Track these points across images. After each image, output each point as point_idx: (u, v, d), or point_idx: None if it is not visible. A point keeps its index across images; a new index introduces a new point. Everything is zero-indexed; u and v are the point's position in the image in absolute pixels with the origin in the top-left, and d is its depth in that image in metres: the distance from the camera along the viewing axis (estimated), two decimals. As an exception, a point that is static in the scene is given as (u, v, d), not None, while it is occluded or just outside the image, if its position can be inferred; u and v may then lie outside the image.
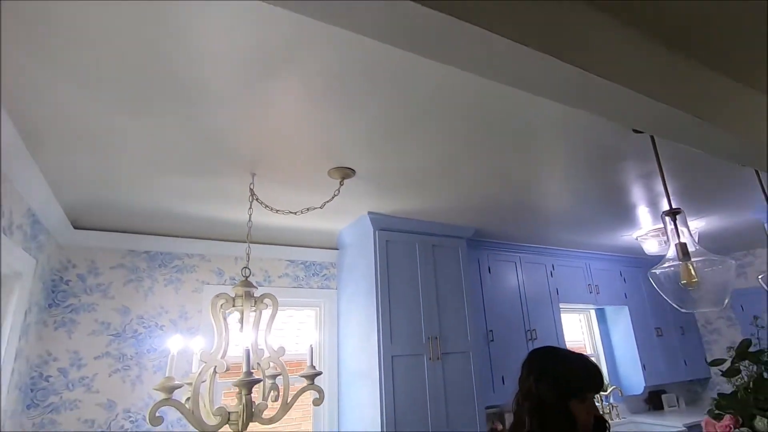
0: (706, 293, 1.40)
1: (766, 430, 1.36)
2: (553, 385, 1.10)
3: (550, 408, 1.07)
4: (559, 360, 1.16)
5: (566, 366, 1.14)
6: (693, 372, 4.19)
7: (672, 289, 1.48)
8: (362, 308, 2.64)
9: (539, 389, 1.09)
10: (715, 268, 1.40)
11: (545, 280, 3.62)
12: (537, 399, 1.09)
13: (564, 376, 1.11)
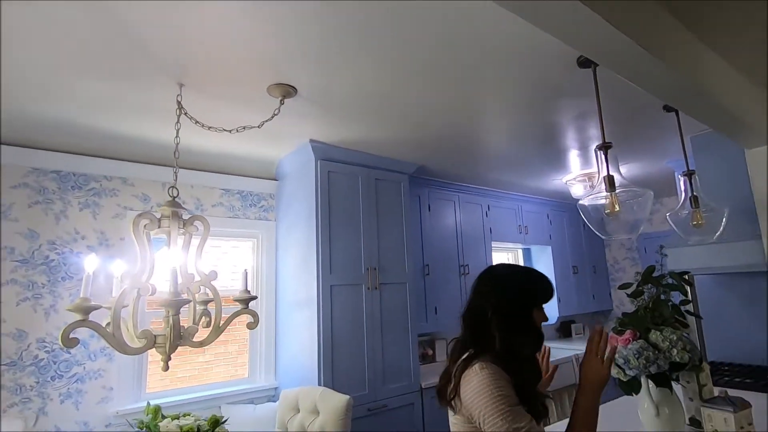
0: (624, 222, 1.51)
1: (656, 340, 1.56)
2: (519, 297, 1.16)
3: (516, 318, 1.13)
4: (521, 274, 1.22)
5: (528, 279, 1.20)
6: (599, 305, 4.73)
7: (596, 219, 1.59)
8: (302, 239, 2.60)
9: (507, 301, 1.14)
10: (634, 199, 1.51)
11: (480, 219, 3.78)
12: (506, 310, 1.13)
13: (527, 288, 1.18)
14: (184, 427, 1.39)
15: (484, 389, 1.02)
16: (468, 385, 1.05)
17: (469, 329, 1.18)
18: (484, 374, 1.04)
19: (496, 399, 1.01)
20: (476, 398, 1.03)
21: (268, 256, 2.88)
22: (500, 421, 0.99)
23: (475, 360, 1.08)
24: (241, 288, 1.66)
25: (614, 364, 1.64)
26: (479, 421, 1.03)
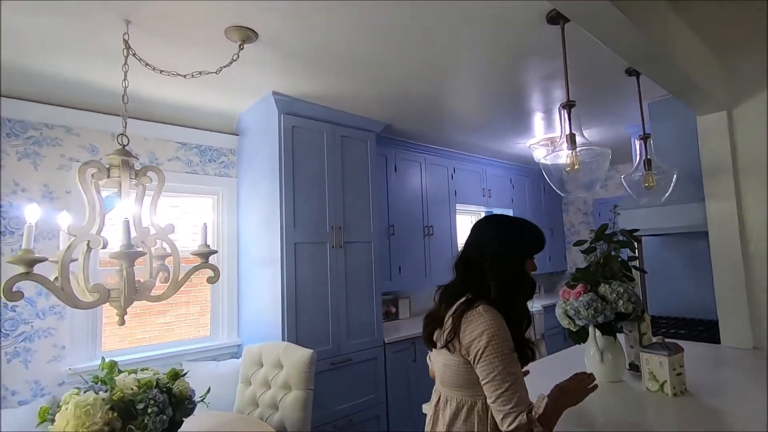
0: (582, 179, 1.56)
1: (605, 293, 1.66)
2: (516, 247, 1.18)
3: (512, 266, 1.17)
4: (517, 224, 1.24)
5: (523, 229, 1.23)
6: (555, 266, 4.97)
7: (557, 176, 1.63)
8: (265, 196, 2.53)
9: (505, 251, 1.17)
10: (593, 158, 1.55)
11: (446, 181, 3.81)
12: (503, 260, 1.16)
13: (523, 239, 1.21)
14: (142, 381, 1.37)
15: (487, 329, 1.06)
16: (470, 325, 1.09)
17: (464, 276, 1.20)
18: (489, 316, 1.08)
19: (498, 341, 1.05)
20: (478, 337, 1.06)
21: (230, 214, 2.80)
22: (497, 361, 1.04)
23: (476, 303, 1.12)
24: (201, 242, 1.61)
25: (565, 315, 1.74)
26: (475, 359, 1.07)
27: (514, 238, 1.20)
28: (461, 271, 1.21)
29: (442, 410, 1.16)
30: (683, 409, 1.43)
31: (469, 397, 1.12)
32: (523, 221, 1.26)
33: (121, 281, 1.38)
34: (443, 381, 1.17)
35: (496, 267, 1.15)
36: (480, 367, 1.05)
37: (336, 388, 2.49)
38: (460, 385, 1.12)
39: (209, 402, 1.57)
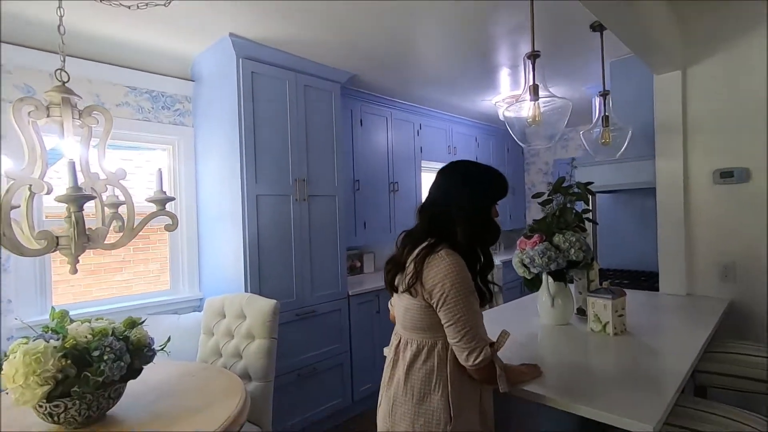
0: (543, 131, 1.59)
1: (559, 242, 1.74)
2: (483, 191, 1.19)
3: (479, 212, 1.17)
4: (483, 171, 1.24)
5: (490, 174, 1.23)
6: (515, 223, 5.16)
7: (519, 128, 1.65)
8: (224, 146, 2.43)
9: (472, 195, 1.17)
10: (555, 110, 1.58)
11: (411, 138, 3.79)
12: (470, 205, 1.16)
13: (490, 183, 1.21)
14: (96, 329, 1.33)
15: (449, 274, 1.07)
16: (433, 269, 1.09)
17: (429, 222, 1.19)
18: (450, 260, 1.09)
19: (460, 285, 1.07)
20: (441, 281, 1.07)
21: (187, 166, 2.67)
22: (460, 304, 1.06)
23: (438, 247, 1.12)
24: (157, 188, 1.54)
25: (521, 264, 1.82)
26: (438, 303, 1.08)
27: (481, 184, 1.20)
28: (426, 216, 1.21)
29: (402, 352, 1.18)
30: (621, 346, 1.56)
31: (429, 338, 1.14)
32: (489, 167, 1.26)
33: (70, 227, 1.31)
34: (404, 324, 1.19)
35: (463, 213, 1.15)
36: (443, 311, 1.08)
37: (300, 339, 2.54)
38: (421, 328, 1.14)
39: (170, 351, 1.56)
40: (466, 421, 1.10)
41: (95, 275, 2.43)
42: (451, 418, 1.07)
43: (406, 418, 1.12)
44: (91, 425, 1.30)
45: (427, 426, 1.09)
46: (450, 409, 1.08)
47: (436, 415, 1.08)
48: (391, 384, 1.19)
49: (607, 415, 1.05)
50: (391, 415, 1.16)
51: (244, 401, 1.47)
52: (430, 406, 1.10)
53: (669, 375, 1.27)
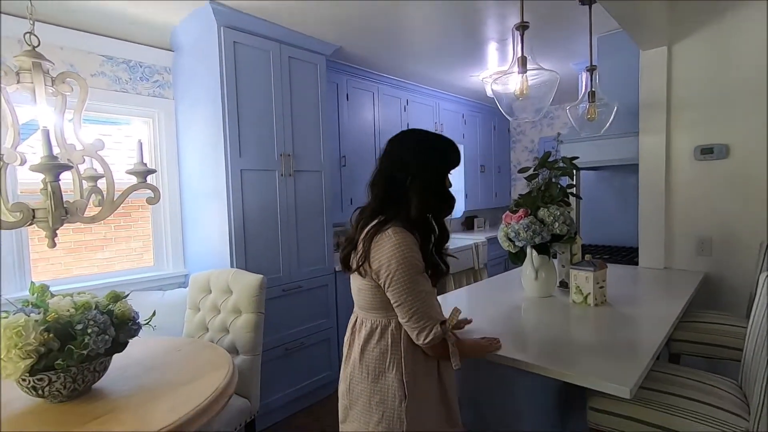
0: (531, 104, 1.58)
1: (543, 216, 1.76)
2: (438, 159, 1.15)
3: (435, 180, 1.13)
4: (435, 139, 1.19)
5: (442, 144, 1.18)
6: (500, 201, 5.20)
7: (506, 101, 1.64)
8: (207, 119, 2.36)
9: (428, 164, 1.12)
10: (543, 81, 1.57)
11: (398, 114, 3.75)
12: (424, 175, 1.11)
13: (442, 153, 1.16)
14: (79, 303, 1.31)
15: (395, 254, 1.04)
16: (380, 249, 1.06)
17: (381, 195, 1.14)
18: (397, 239, 1.05)
19: (406, 264, 1.04)
20: (387, 262, 1.05)
21: (168, 140, 2.60)
22: (407, 285, 1.04)
23: (387, 225, 1.09)
24: (137, 160, 1.49)
25: (506, 238, 1.85)
26: (386, 284, 1.06)
27: (435, 153, 1.15)
28: (380, 189, 1.15)
29: (357, 331, 1.18)
30: (601, 316, 1.60)
31: (382, 317, 1.13)
32: (441, 136, 1.21)
33: (46, 199, 1.27)
34: (358, 304, 1.18)
35: (418, 182, 1.10)
36: (391, 291, 1.06)
37: (287, 314, 2.55)
38: (373, 307, 1.13)
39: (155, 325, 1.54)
40: (424, 398, 1.11)
41: (76, 253, 2.37)
42: (405, 395, 1.08)
43: (363, 396, 1.12)
44: (76, 398, 1.29)
45: (383, 404, 1.09)
46: (404, 387, 1.08)
47: (390, 392, 1.09)
48: (348, 363, 1.19)
49: (586, 378, 1.08)
50: (349, 393, 1.17)
51: (232, 373, 1.48)
52: (384, 384, 1.10)
53: (645, 343, 1.32)
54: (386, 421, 1.08)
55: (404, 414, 1.08)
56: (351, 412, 1.16)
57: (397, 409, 1.08)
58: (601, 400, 1.28)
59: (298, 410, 2.65)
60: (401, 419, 1.08)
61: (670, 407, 1.21)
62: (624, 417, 1.24)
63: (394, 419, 1.08)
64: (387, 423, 1.08)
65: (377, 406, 1.10)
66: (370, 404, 1.11)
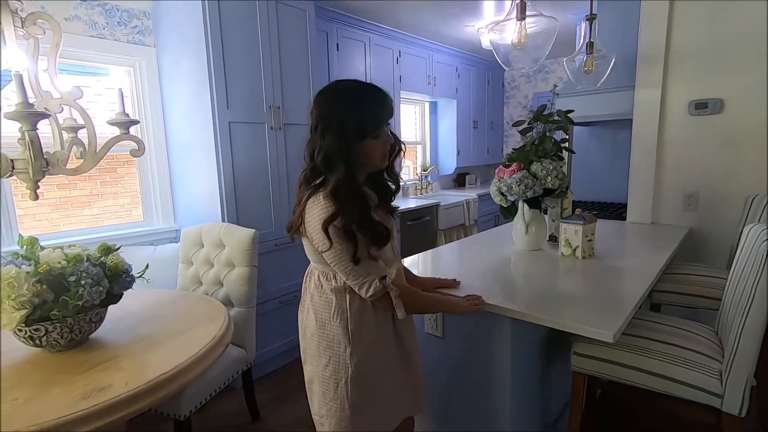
0: (528, 53, 1.53)
1: (536, 170, 1.76)
2: (341, 133, 1.02)
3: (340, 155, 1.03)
4: (365, 90, 1.07)
5: (372, 96, 1.06)
6: (492, 158, 5.18)
7: (504, 50, 1.59)
8: (191, 70, 2.26)
9: (327, 139, 1.02)
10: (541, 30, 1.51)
11: (391, 66, 3.63)
12: (326, 150, 1.03)
13: (370, 108, 1.05)
14: (70, 255, 1.30)
15: (322, 219, 1.01)
16: (310, 215, 1.04)
17: (312, 157, 1.08)
18: (326, 203, 1.01)
19: (335, 228, 1.01)
20: (316, 229, 1.03)
21: (152, 91, 2.50)
22: (339, 247, 1.02)
23: (320, 189, 1.05)
24: (119, 110, 1.43)
25: (499, 192, 1.85)
26: (319, 247, 1.06)
27: (342, 124, 1.02)
28: (309, 151, 1.09)
29: (308, 280, 1.21)
30: (588, 268, 1.65)
31: (327, 270, 1.13)
32: (371, 85, 1.08)
33: (25, 149, 1.22)
34: (308, 257, 1.18)
35: (321, 158, 1.03)
36: (325, 255, 1.06)
37: (280, 267, 2.57)
38: (318, 261, 1.14)
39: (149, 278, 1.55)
40: (371, 345, 1.13)
41: (62, 209, 2.33)
42: (350, 342, 1.11)
43: (314, 340, 1.16)
44: (75, 348, 1.32)
45: (330, 348, 1.13)
46: (348, 335, 1.11)
47: (336, 339, 1.12)
48: (303, 309, 1.22)
49: (572, 324, 1.13)
50: (303, 337, 1.22)
51: (228, 323, 1.51)
52: (330, 331, 1.13)
53: (629, 293, 1.36)
54: (333, 365, 1.13)
55: (349, 359, 1.11)
56: (306, 356, 1.22)
57: (342, 355, 1.12)
58: (584, 346, 1.34)
59: (292, 360, 2.74)
60: (346, 364, 1.11)
61: (649, 351, 1.27)
62: (605, 360, 1.30)
63: (339, 364, 1.12)
64: (333, 367, 1.13)
65: (324, 351, 1.14)
66: (318, 348, 1.15)
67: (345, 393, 1.12)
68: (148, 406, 1.11)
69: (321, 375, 1.15)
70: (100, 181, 2.47)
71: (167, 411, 1.65)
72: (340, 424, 1.14)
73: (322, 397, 1.16)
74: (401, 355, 1.21)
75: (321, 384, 1.15)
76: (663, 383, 1.22)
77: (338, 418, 1.13)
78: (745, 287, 1.17)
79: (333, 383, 1.13)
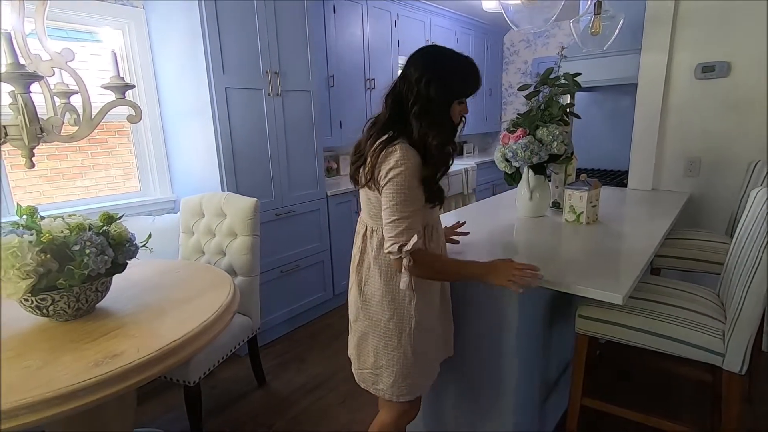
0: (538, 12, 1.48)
1: (542, 136, 1.73)
2: (444, 87, 1.07)
3: (436, 110, 1.07)
4: (455, 60, 1.11)
5: (461, 67, 1.10)
6: (489, 126, 5.12)
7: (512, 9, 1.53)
8: (184, 32, 2.16)
9: (431, 92, 1.06)
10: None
11: (389, 29, 3.51)
12: (426, 100, 1.06)
13: (458, 78, 1.10)
14: (72, 224, 1.27)
15: (395, 166, 1.03)
16: (385, 162, 1.05)
17: (390, 112, 1.12)
18: (401, 153, 1.04)
19: (403, 177, 1.04)
20: (387, 171, 1.05)
21: (142, 55, 2.40)
22: (396, 195, 1.04)
23: (395, 141, 1.07)
24: (113, 74, 1.37)
25: (503, 159, 1.83)
26: (381, 186, 1.07)
27: (447, 77, 1.08)
28: (390, 105, 1.13)
29: (369, 239, 1.20)
30: (593, 234, 1.65)
31: None
32: (465, 57, 1.12)
33: (18, 114, 1.17)
34: (369, 213, 1.19)
35: (418, 108, 1.07)
36: (382, 196, 1.08)
37: (281, 237, 2.56)
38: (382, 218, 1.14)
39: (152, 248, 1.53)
40: (428, 300, 1.21)
41: (53, 181, 2.27)
42: (414, 295, 1.16)
43: (377, 296, 1.19)
44: (82, 317, 1.31)
45: (395, 301, 1.17)
46: (413, 288, 1.14)
47: (401, 292, 1.16)
48: (362, 267, 1.22)
49: (583, 288, 1.13)
50: (362, 294, 1.22)
51: (234, 291, 1.51)
52: (396, 285, 1.15)
53: (634, 257, 1.37)
54: (397, 317, 1.17)
55: (413, 311, 1.17)
56: (362, 312, 1.23)
57: (407, 307, 1.17)
58: (589, 309, 1.36)
59: (295, 327, 2.78)
60: (410, 316, 1.17)
61: (654, 313, 1.29)
62: (610, 323, 1.32)
63: (404, 316, 1.17)
64: (398, 319, 1.17)
65: (389, 305, 1.17)
66: (382, 303, 1.18)
67: (409, 341, 1.18)
68: (160, 373, 1.12)
69: (384, 328, 1.19)
70: (91, 151, 2.41)
71: (177, 377, 1.67)
72: (402, 371, 1.20)
73: (384, 348, 1.20)
74: (443, 302, 1.29)
75: (382, 336, 1.19)
76: (667, 344, 1.25)
77: (401, 365, 1.19)
78: (751, 250, 1.18)
79: (396, 334, 1.18)
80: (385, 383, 1.22)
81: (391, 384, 1.21)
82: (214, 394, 2.14)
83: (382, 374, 1.22)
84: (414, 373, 1.21)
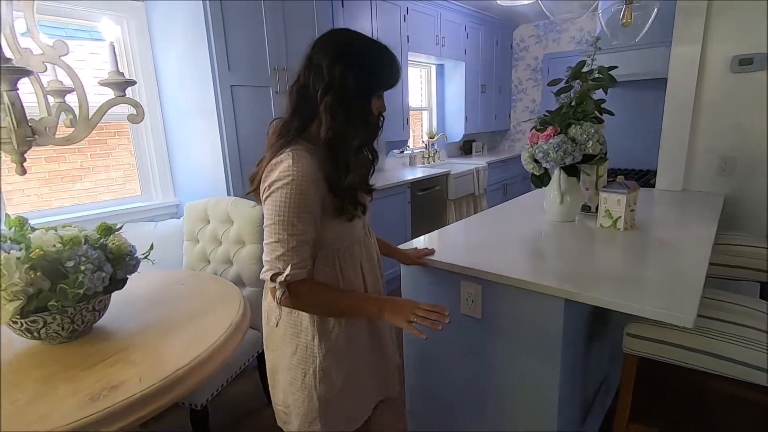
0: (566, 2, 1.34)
1: (575, 134, 1.60)
2: (364, 77, 0.91)
3: (354, 101, 0.91)
4: (371, 46, 0.94)
5: (378, 55, 0.94)
6: (499, 125, 4.98)
7: (547, -4, 1.39)
8: (187, 28, 2.04)
9: (349, 79, 0.89)
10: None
11: (398, 24, 3.38)
12: (344, 91, 0.89)
13: (376, 67, 0.93)
14: (66, 237, 1.14)
15: (281, 178, 0.87)
16: (272, 171, 0.89)
17: (293, 108, 0.95)
18: (290, 163, 0.87)
19: (287, 192, 0.86)
20: (270, 183, 0.89)
21: (142, 52, 2.27)
22: (278, 212, 0.87)
23: (290, 146, 0.90)
24: (111, 69, 1.24)
25: (532, 160, 1.70)
26: (263, 194, 0.92)
27: (365, 65, 0.91)
28: (292, 99, 0.96)
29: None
30: (633, 240, 1.52)
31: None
32: (379, 43, 0.95)
33: (6, 114, 1.04)
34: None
35: (332, 100, 0.89)
36: (265, 207, 0.91)
37: (290, 243, 2.43)
38: None
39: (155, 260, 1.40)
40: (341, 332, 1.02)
41: (52, 184, 2.16)
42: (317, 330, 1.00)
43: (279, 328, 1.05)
44: (78, 339, 1.19)
45: (297, 337, 1.02)
46: (315, 323, 1.00)
47: (303, 327, 1.01)
48: (266, 294, 1.09)
49: (640, 307, 1.00)
50: (267, 323, 1.09)
51: (244, 307, 1.38)
52: (297, 318, 1.02)
53: (688, 268, 1.24)
54: (300, 354, 1.02)
55: (317, 349, 1.00)
56: (269, 342, 1.09)
57: (310, 344, 1.01)
58: (640, 327, 1.23)
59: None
60: (314, 354, 1.00)
61: (714, 331, 1.16)
62: (665, 342, 1.19)
63: (307, 353, 1.01)
64: (301, 355, 1.02)
65: (291, 339, 1.02)
66: (285, 336, 1.03)
67: (313, 383, 1.01)
68: (165, 406, 0.99)
69: (288, 363, 1.03)
70: (91, 153, 2.28)
71: (183, 400, 1.54)
72: (308, 415, 1.03)
73: (290, 386, 1.04)
74: (374, 340, 1.11)
75: (288, 372, 1.04)
76: (731, 367, 1.12)
77: (306, 408, 1.03)
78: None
79: (300, 372, 1.02)
80: (294, 425, 1.05)
81: (298, 426, 1.04)
82: (221, 412, 2.01)
83: (290, 414, 1.06)
84: (323, 421, 1.03)
